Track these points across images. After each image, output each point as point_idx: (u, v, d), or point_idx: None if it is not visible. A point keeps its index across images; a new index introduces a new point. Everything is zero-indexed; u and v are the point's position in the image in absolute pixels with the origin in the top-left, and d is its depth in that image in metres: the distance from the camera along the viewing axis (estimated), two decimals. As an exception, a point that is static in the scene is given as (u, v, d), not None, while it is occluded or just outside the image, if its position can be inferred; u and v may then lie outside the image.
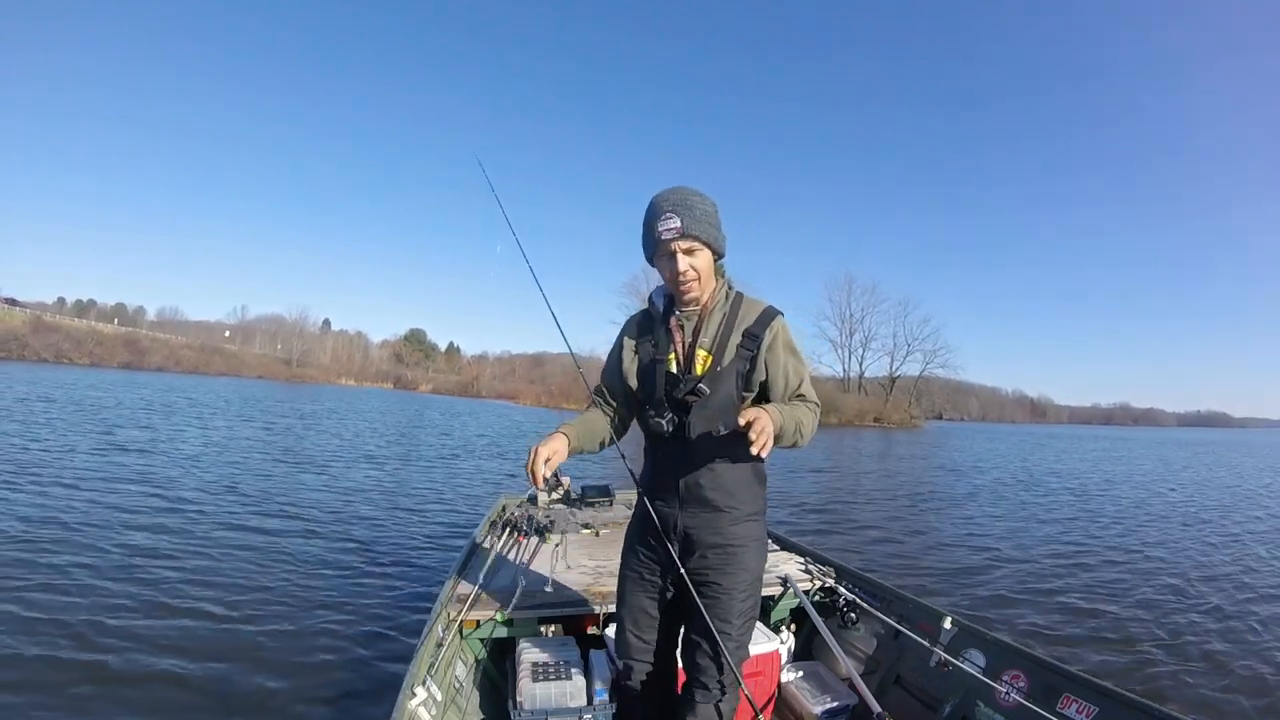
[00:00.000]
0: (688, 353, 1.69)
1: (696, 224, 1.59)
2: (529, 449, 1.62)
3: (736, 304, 1.71)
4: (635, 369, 1.77)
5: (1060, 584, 5.56)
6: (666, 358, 1.70)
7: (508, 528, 3.43)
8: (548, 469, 1.62)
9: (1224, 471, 19.75)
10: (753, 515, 1.74)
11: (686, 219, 1.58)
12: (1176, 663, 3.92)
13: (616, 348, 1.84)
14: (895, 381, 54.86)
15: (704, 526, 1.69)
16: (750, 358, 1.65)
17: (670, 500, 1.73)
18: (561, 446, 1.67)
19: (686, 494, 1.70)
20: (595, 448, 1.81)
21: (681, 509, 1.71)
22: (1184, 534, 8.43)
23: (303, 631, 3.62)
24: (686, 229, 1.58)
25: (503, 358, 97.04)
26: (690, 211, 1.58)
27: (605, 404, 1.84)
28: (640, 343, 1.78)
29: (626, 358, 1.79)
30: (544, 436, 1.68)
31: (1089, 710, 1.95)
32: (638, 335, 1.80)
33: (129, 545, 4.97)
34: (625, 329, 1.85)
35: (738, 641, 1.70)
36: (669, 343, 1.71)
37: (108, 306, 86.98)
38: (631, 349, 1.79)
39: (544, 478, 1.61)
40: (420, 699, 1.91)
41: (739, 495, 1.70)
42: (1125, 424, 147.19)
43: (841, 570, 3.07)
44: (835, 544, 6.64)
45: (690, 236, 1.59)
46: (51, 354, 50.30)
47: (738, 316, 1.69)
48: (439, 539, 5.94)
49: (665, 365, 1.70)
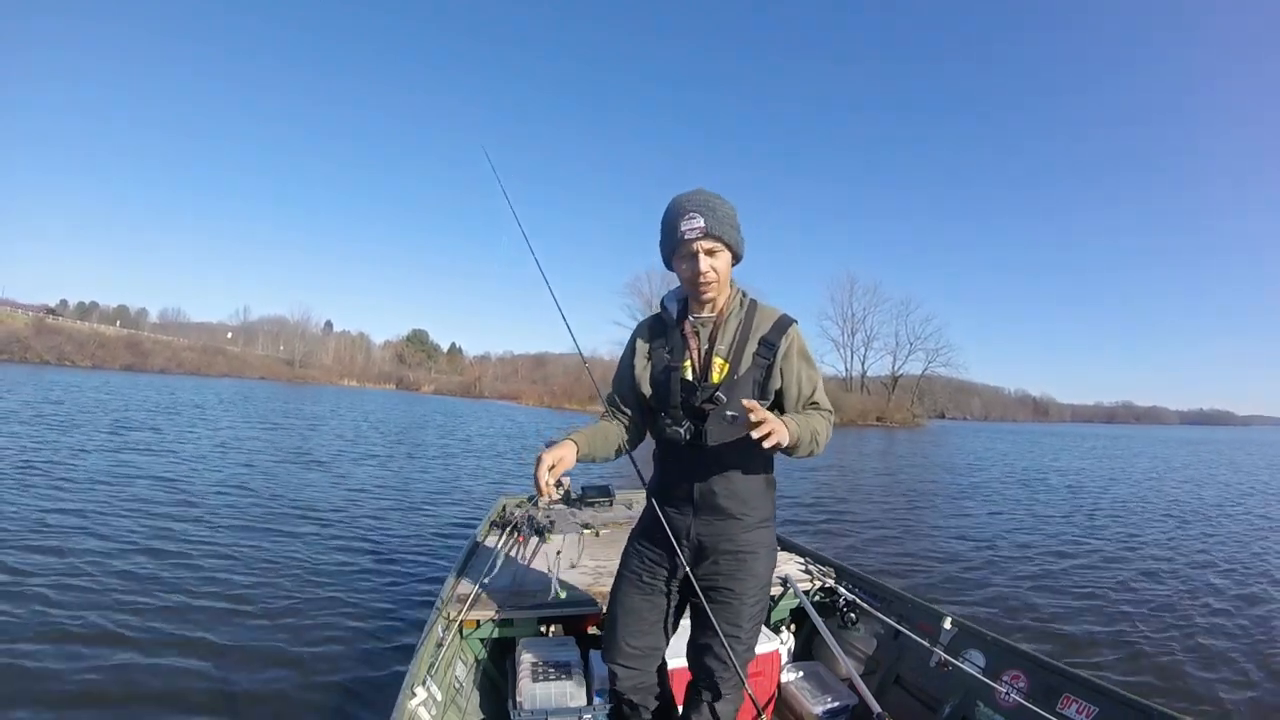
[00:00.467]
0: (704, 360, 1.67)
1: (719, 224, 1.58)
2: (537, 457, 1.60)
3: (751, 311, 1.70)
4: (649, 376, 1.75)
5: (1059, 583, 5.56)
6: (682, 365, 1.69)
7: (508, 528, 3.43)
8: (552, 477, 1.60)
9: (1225, 469, 19.71)
10: (764, 521, 1.75)
11: (710, 219, 1.57)
12: (1176, 662, 3.92)
13: (628, 354, 1.82)
14: (898, 381, 54.82)
15: (717, 533, 1.70)
16: (767, 366, 1.64)
17: (683, 507, 1.72)
18: (569, 454, 1.65)
19: (700, 501, 1.70)
20: (608, 456, 1.78)
21: (695, 516, 1.71)
22: (1182, 531, 8.41)
23: (302, 631, 3.63)
24: (710, 228, 1.57)
25: (505, 358, 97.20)
26: (713, 212, 1.58)
27: (618, 412, 1.82)
28: (654, 349, 1.76)
29: (639, 364, 1.77)
30: (552, 444, 1.66)
31: (1089, 710, 1.95)
32: (650, 341, 1.77)
33: (129, 545, 4.98)
34: (637, 334, 1.82)
35: (746, 645, 1.72)
36: (684, 349, 1.70)
37: (110, 308, 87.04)
38: (645, 355, 1.77)
39: (549, 484, 1.58)
40: (420, 699, 1.91)
41: (752, 502, 1.71)
42: (1128, 422, 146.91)
43: (841, 570, 3.07)
44: (836, 543, 6.64)
45: (713, 236, 1.58)
46: (54, 356, 50.37)
47: (753, 324, 1.68)
48: (439, 539, 5.94)
49: (681, 372, 1.68)
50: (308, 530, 5.92)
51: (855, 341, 55.43)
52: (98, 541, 5.02)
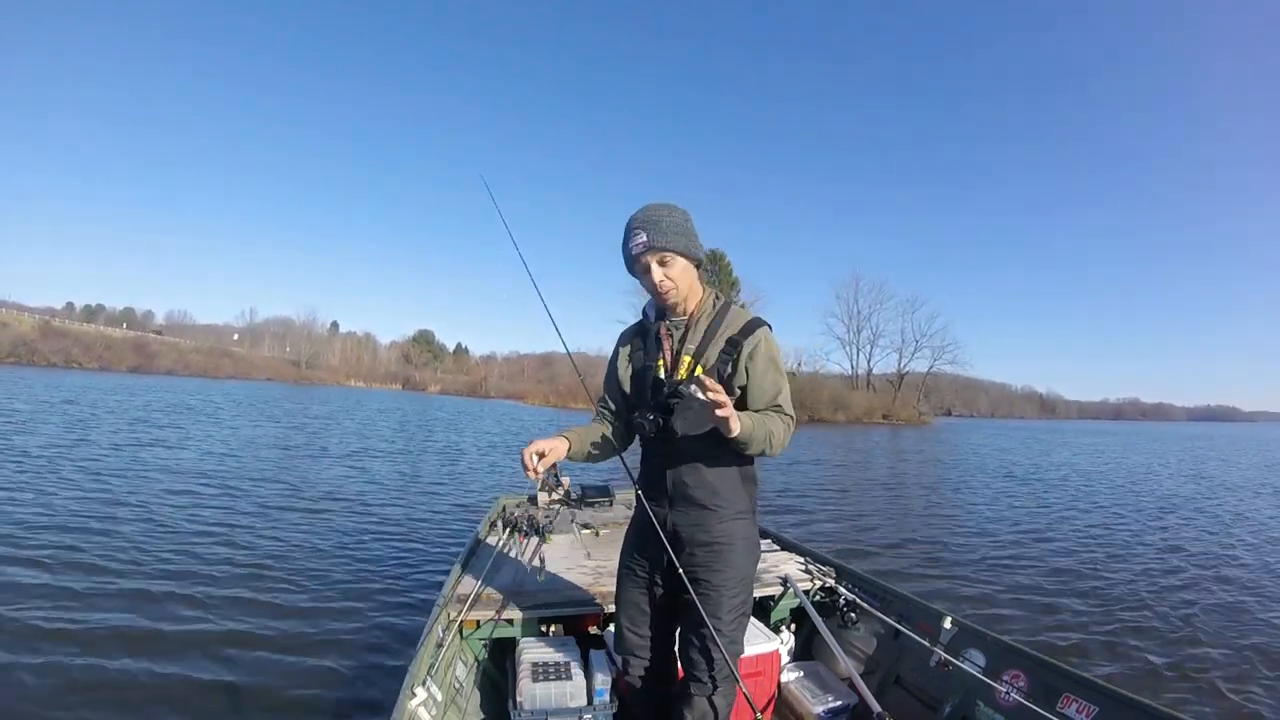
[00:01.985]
0: (674, 358, 1.77)
1: (662, 235, 1.67)
2: (559, 471, 1.70)
3: (723, 313, 1.78)
4: (629, 376, 1.87)
5: (1060, 582, 5.53)
6: (655, 364, 1.79)
7: (508, 528, 3.44)
8: (542, 464, 1.71)
9: (1226, 467, 19.59)
10: (741, 514, 1.79)
11: (652, 233, 1.66)
12: (1176, 662, 3.90)
13: (613, 357, 1.94)
14: (904, 378, 54.55)
15: (692, 524, 1.76)
16: (731, 361, 1.71)
17: (661, 499, 1.80)
18: (560, 446, 1.76)
19: (674, 492, 1.77)
20: (600, 455, 1.88)
21: (671, 508, 1.78)
22: (1182, 527, 8.38)
23: (302, 631, 3.65)
24: (652, 242, 1.66)
25: (511, 358, 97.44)
26: (656, 225, 1.67)
27: (608, 413, 1.94)
28: (633, 351, 1.88)
29: (621, 366, 1.90)
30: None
31: (1089, 710, 1.95)
32: (631, 344, 1.91)
33: (128, 544, 5.03)
34: (621, 339, 1.95)
35: (729, 636, 1.74)
36: (658, 349, 1.80)
37: (116, 310, 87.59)
38: (626, 357, 1.90)
39: (534, 469, 1.71)
40: (420, 699, 1.93)
41: (725, 494, 1.76)
42: (1135, 419, 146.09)
43: (841, 570, 3.07)
44: (838, 543, 6.62)
45: (657, 249, 1.67)
46: (60, 359, 50.74)
47: (723, 324, 1.75)
48: (439, 539, 5.96)
49: (654, 370, 1.78)
50: (307, 530, 5.95)
51: (861, 339, 55.28)
52: (94, 544, 5.05)
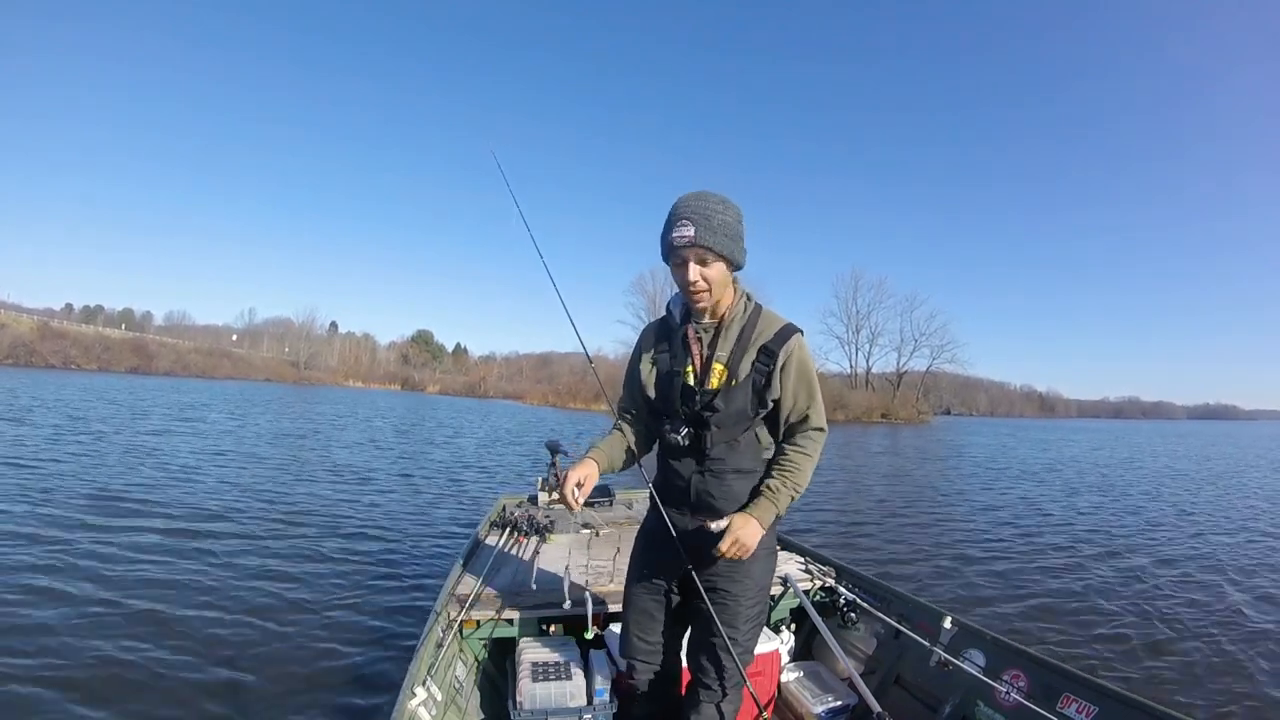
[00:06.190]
0: (704, 365, 1.67)
1: (711, 234, 1.53)
2: (564, 474, 1.69)
3: (755, 317, 1.68)
4: (654, 380, 1.76)
5: (1058, 581, 5.54)
6: (684, 369, 1.69)
7: (508, 527, 3.44)
8: (581, 494, 1.66)
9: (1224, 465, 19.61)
10: None
11: (701, 229, 1.53)
12: (1177, 661, 3.90)
13: (635, 359, 1.83)
14: (903, 377, 54.63)
15: (715, 536, 1.69)
16: (766, 374, 1.63)
17: (682, 507, 1.75)
18: (593, 470, 1.71)
19: (697, 502, 1.72)
20: (626, 465, 1.83)
21: (693, 516, 1.73)
22: (1180, 525, 8.38)
23: (302, 632, 3.65)
24: (698, 239, 1.53)
25: (510, 358, 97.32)
26: (707, 221, 1.53)
27: (628, 416, 1.86)
28: (658, 353, 1.77)
29: (644, 369, 1.78)
30: (575, 461, 1.74)
31: (1089, 710, 1.95)
32: (655, 345, 1.78)
33: (128, 543, 5.02)
34: (642, 339, 1.83)
35: (744, 646, 1.73)
36: (686, 354, 1.70)
37: (115, 312, 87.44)
38: (649, 359, 1.78)
39: (576, 501, 1.67)
40: (420, 699, 1.92)
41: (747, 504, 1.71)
42: (1135, 417, 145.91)
43: (841, 570, 3.07)
44: (837, 542, 6.62)
45: (702, 247, 1.54)
46: (59, 360, 50.60)
47: (755, 331, 1.66)
48: (439, 539, 5.96)
49: (682, 377, 1.69)
50: (306, 531, 5.95)
51: (860, 338, 55.38)
52: (93, 542, 5.05)
